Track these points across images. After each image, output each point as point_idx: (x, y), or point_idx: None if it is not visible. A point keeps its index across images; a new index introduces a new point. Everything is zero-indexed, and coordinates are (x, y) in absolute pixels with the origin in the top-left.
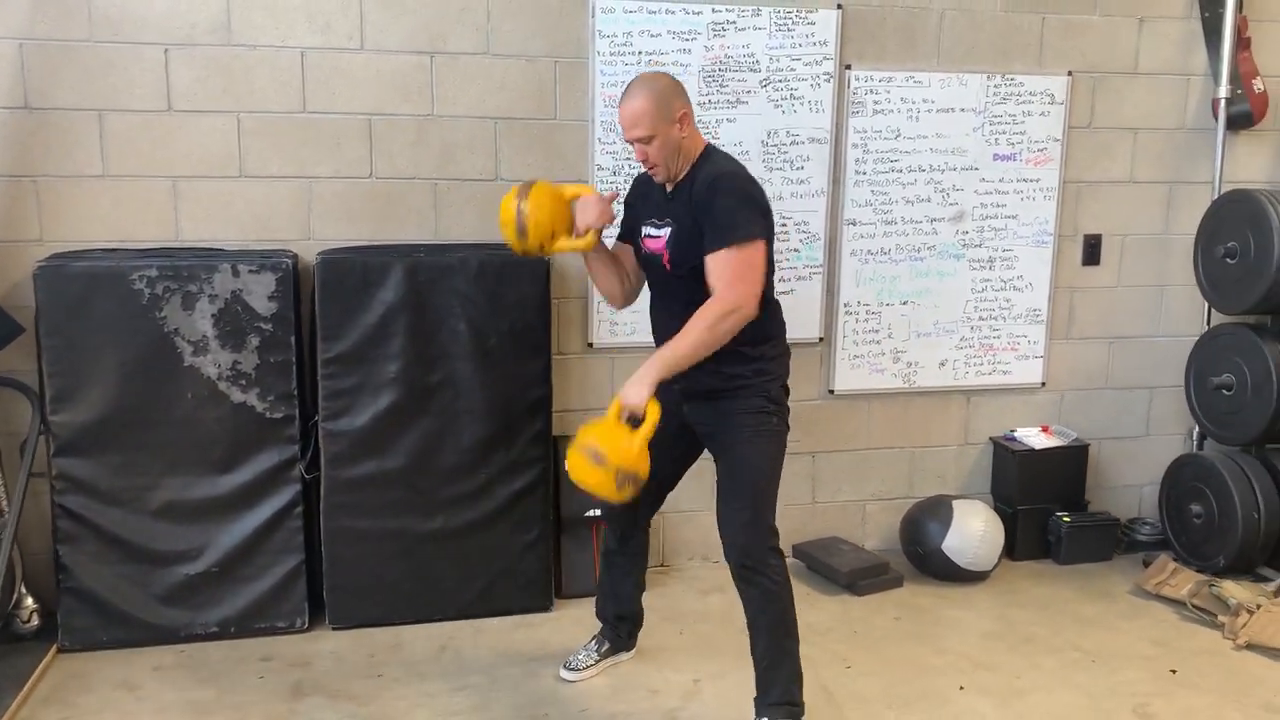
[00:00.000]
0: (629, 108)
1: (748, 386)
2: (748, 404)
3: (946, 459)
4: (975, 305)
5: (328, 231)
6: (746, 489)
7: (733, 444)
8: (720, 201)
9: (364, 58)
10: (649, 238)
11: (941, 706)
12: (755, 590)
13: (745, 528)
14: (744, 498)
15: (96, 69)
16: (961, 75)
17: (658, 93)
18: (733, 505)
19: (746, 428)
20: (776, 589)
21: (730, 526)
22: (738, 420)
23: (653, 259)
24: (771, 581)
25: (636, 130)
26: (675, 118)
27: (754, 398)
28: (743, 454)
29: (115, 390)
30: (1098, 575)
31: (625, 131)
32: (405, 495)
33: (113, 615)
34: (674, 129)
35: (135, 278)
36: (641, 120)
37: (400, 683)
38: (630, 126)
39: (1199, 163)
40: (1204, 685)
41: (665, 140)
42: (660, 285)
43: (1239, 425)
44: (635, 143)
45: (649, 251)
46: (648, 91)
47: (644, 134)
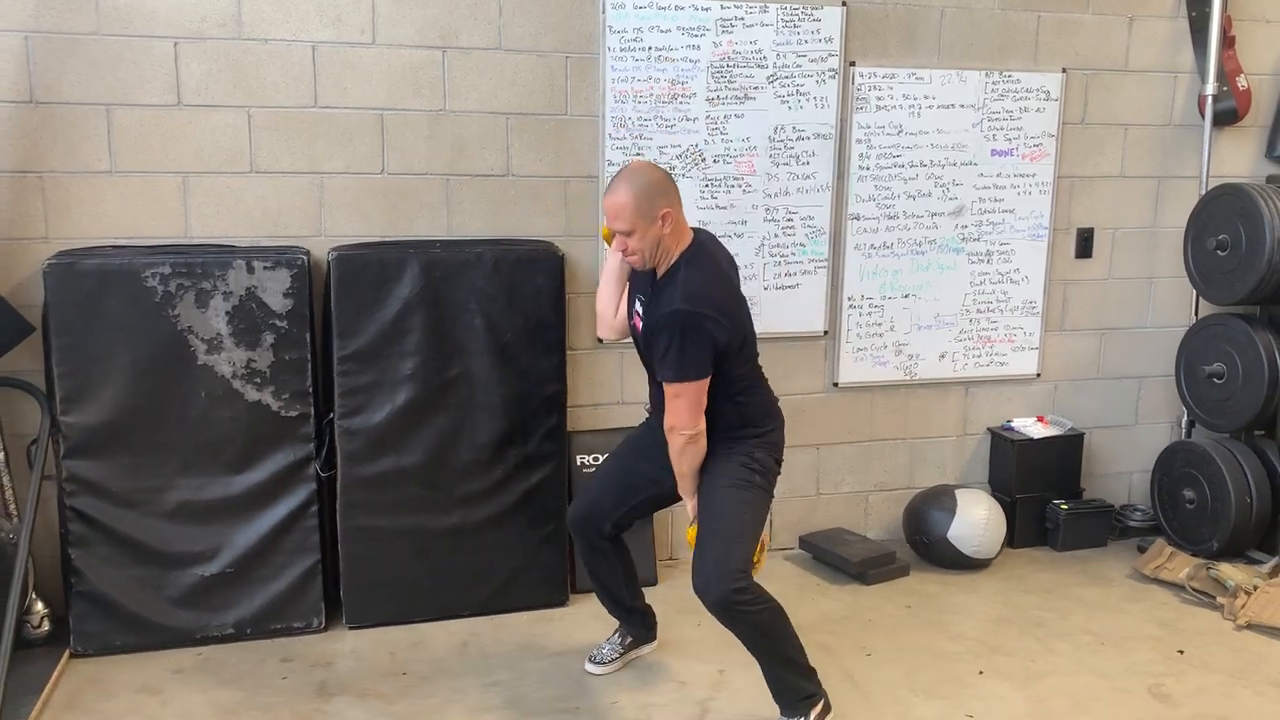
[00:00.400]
0: (612, 200)
1: (731, 449)
2: (731, 459)
3: (946, 449)
4: (974, 298)
5: (339, 227)
6: (722, 538)
7: (715, 495)
8: (662, 338)
9: (375, 52)
10: (637, 315)
11: (964, 690)
12: (741, 625)
13: (717, 577)
14: (716, 541)
15: (104, 63)
16: (961, 72)
17: (641, 189)
18: (709, 555)
19: (726, 475)
20: (760, 615)
21: (703, 567)
22: (719, 468)
23: (638, 334)
24: (754, 611)
25: (617, 223)
26: (657, 215)
27: (737, 455)
28: (719, 499)
29: (127, 390)
30: (1095, 561)
31: (607, 221)
32: (422, 492)
33: (126, 619)
34: (655, 226)
35: (148, 275)
36: (622, 215)
37: (427, 680)
38: (612, 218)
39: (1186, 158)
40: (1212, 665)
41: (644, 236)
42: (645, 364)
43: (1230, 413)
44: (615, 234)
45: (636, 327)
46: (631, 188)
47: (624, 228)
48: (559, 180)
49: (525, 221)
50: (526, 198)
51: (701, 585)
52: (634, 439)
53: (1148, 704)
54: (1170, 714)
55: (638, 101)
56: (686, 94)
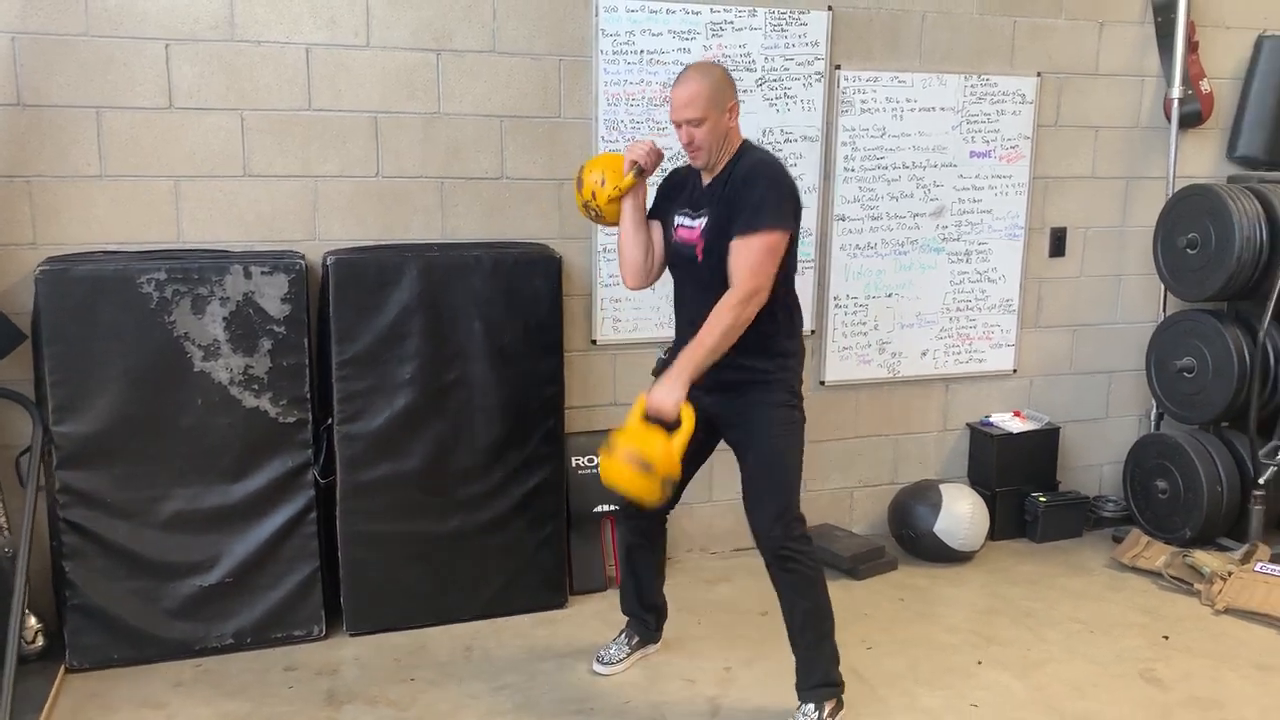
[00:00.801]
0: (685, 90)
1: (771, 380)
2: (773, 398)
3: (927, 445)
4: (954, 297)
5: (334, 231)
6: (778, 483)
7: (761, 439)
8: (756, 188)
9: (370, 54)
10: (682, 227)
11: (967, 680)
12: (792, 577)
13: (778, 520)
14: (776, 491)
15: (94, 65)
16: (941, 76)
17: (714, 80)
18: (764, 499)
19: (775, 423)
20: (812, 574)
21: (764, 519)
22: (765, 415)
23: (684, 249)
24: (806, 567)
25: (688, 111)
26: (726, 106)
27: (779, 391)
28: (772, 449)
29: (122, 398)
30: (1073, 551)
31: (675, 112)
32: (421, 497)
33: (123, 631)
34: (724, 118)
35: (143, 281)
36: (695, 102)
37: (436, 685)
38: (682, 107)
39: (1152, 159)
40: (1196, 649)
41: (714, 126)
42: (687, 277)
43: (1200, 405)
44: (683, 125)
45: (680, 241)
46: (704, 76)
47: (696, 116)
48: (553, 183)
49: (519, 224)
50: (520, 200)
51: (762, 537)
52: None
53: (1142, 688)
54: (1164, 697)
55: (630, 104)
56: None
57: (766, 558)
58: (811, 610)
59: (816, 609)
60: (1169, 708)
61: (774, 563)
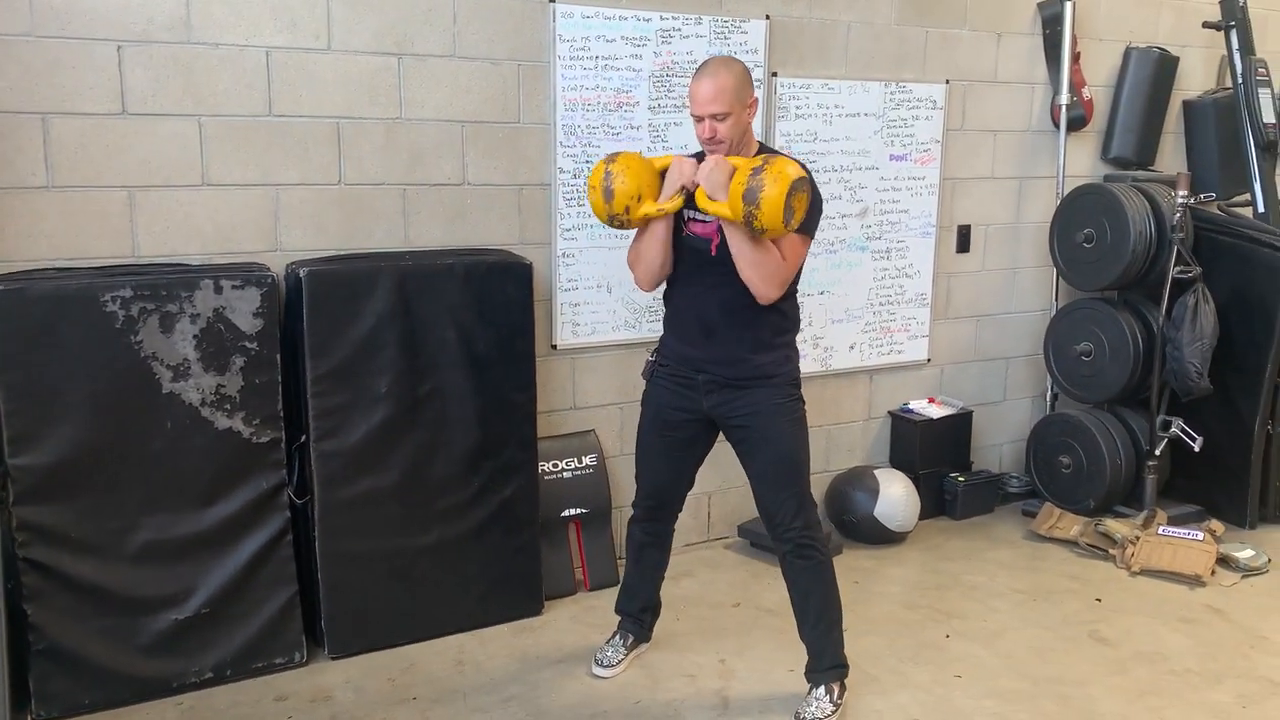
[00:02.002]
0: (710, 83)
1: (777, 375)
2: (779, 393)
3: (854, 433)
4: (876, 292)
5: (296, 241)
6: (794, 476)
7: (773, 435)
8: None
9: (331, 58)
10: (695, 222)
11: (943, 653)
12: (809, 564)
13: (799, 512)
14: (793, 484)
15: (40, 67)
16: (864, 83)
17: (737, 74)
18: (783, 493)
19: (783, 417)
20: (828, 561)
21: (785, 512)
22: (774, 409)
23: (698, 242)
24: (822, 554)
25: (714, 106)
26: (748, 102)
27: (783, 385)
28: (784, 444)
29: (85, 425)
30: (990, 526)
31: (699, 107)
32: (400, 511)
33: (94, 674)
34: (745, 113)
35: (107, 299)
36: (721, 96)
37: (440, 703)
38: (708, 101)
39: (1041, 159)
40: (1128, 608)
41: (736, 121)
42: (695, 272)
43: (1098, 386)
44: (707, 119)
45: (694, 235)
46: (728, 71)
47: (721, 110)
48: (513, 188)
49: (481, 230)
50: (482, 206)
51: (789, 525)
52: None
53: (1095, 648)
54: (1115, 654)
55: (586, 110)
56: (630, 102)
57: (786, 548)
58: (826, 596)
59: (830, 596)
60: (1122, 663)
61: (794, 552)
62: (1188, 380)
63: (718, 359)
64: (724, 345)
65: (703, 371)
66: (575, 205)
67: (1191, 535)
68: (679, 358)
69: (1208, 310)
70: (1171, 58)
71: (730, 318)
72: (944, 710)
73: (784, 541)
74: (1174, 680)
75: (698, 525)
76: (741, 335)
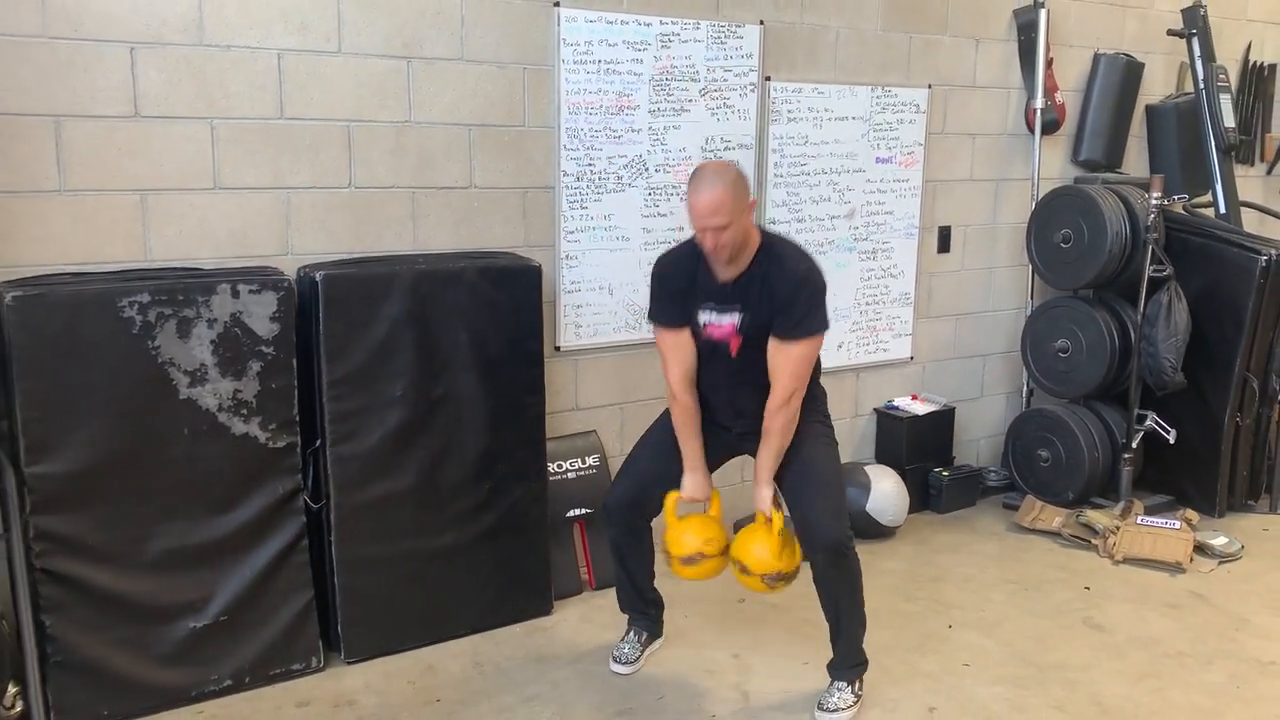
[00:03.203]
0: (709, 197)
1: (808, 410)
2: (811, 419)
3: (841, 430)
4: (863, 292)
5: (307, 245)
6: (830, 487)
7: (807, 454)
8: (802, 296)
9: (341, 61)
10: (711, 325)
11: (947, 643)
12: (841, 572)
13: (835, 521)
14: (829, 496)
15: (53, 69)
16: (852, 87)
17: (733, 182)
18: (820, 503)
19: (817, 437)
20: (859, 567)
21: (823, 522)
22: (808, 431)
23: (716, 345)
24: (854, 560)
25: (715, 219)
26: (746, 205)
27: (814, 413)
28: (819, 458)
29: (103, 433)
30: (974, 519)
31: (701, 220)
32: (415, 514)
33: (112, 684)
34: (745, 217)
35: (124, 304)
36: (722, 209)
37: (465, 705)
38: (709, 215)
39: (1015, 162)
40: (1116, 595)
41: (738, 228)
42: (719, 366)
43: (1075, 382)
44: (709, 231)
45: (712, 338)
46: (724, 181)
47: (722, 222)
48: (518, 191)
49: (487, 232)
50: (488, 209)
51: (820, 531)
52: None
53: (1092, 634)
54: (1111, 640)
55: (589, 113)
56: (631, 106)
57: (822, 555)
58: (854, 599)
59: (858, 599)
60: (1120, 648)
61: (830, 559)
62: (1163, 375)
63: (754, 430)
64: (755, 420)
65: (735, 425)
66: (578, 208)
67: (1169, 524)
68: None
69: (1181, 307)
70: (1138, 64)
71: (761, 400)
72: (959, 698)
73: (820, 547)
74: (1170, 663)
75: None
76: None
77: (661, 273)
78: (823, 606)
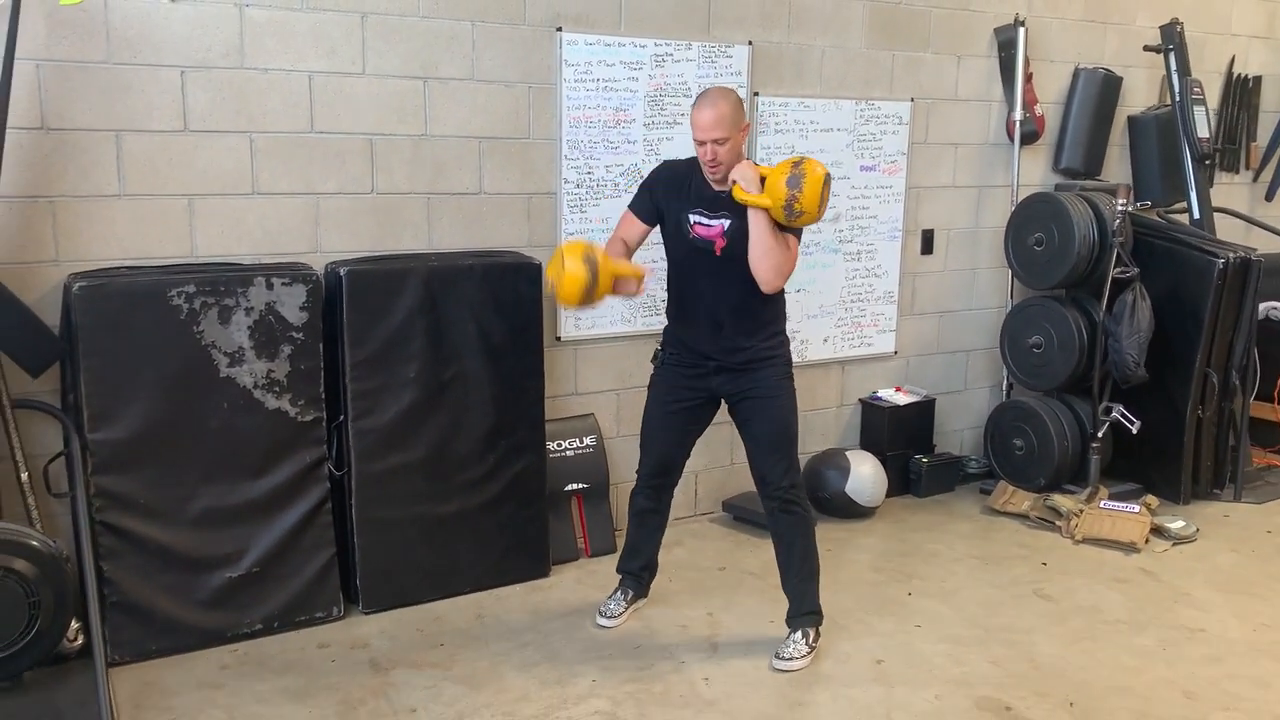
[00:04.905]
0: (712, 112)
1: (775, 356)
2: (777, 370)
3: (828, 419)
4: (848, 290)
5: (333, 244)
6: (785, 440)
7: (770, 405)
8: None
9: (365, 81)
10: (700, 225)
11: (904, 609)
12: (793, 518)
13: (787, 471)
14: (784, 448)
15: (115, 90)
16: (837, 101)
17: (733, 103)
18: (774, 455)
19: (780, 391)
20: (809, 517)
21: (775, 471)
22: (772, 385)
23: (701, 243)
24: (805, 509)
25: (715, 132)
26: (742, 126)
27: (780, 364)
28: (779, 413)
29: (154, 404)
30: (951, 502)
31: (702, 132)
32: (426, 483)
33: (160, 624)
34: (740, 135)
35: (174, 294)
36: (721, 123)
37: (466, 648)
38: (710, 128)
39: (997, 170)
40: (1070, 570)
41: (733, 144)
42: (699, 269)
43: (1047, 375)
44: (709, 143)
45: (698, 238)
46: (725, 101)
47: (722, 135)
48: (523, 196)
49: (494, 234)
50: (495, 213)
51: (778, 483)
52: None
53: (1039, 603)
54: (1056, 608)
55: (588, 126)
56: (628, 120)
57: (774, 505)
58: (806, 548)
59: (809, 548)
60: (1063, 615)
61: (781, 508)
62: (1126, 370)
63: (725, 349)
64: (730, 337)
65: (711, 359)
66: (578, 212)
67: (1129, 509)
68: (688, 349)
69: (1144, 307)
70: (1116, 77)
71: (735, 314)
72: (905, 653)
73: (773, 499)
74: (1106, 629)
75: (686, 501)
76: (745, 327)
77: (658, 171)
78: (776, 554)
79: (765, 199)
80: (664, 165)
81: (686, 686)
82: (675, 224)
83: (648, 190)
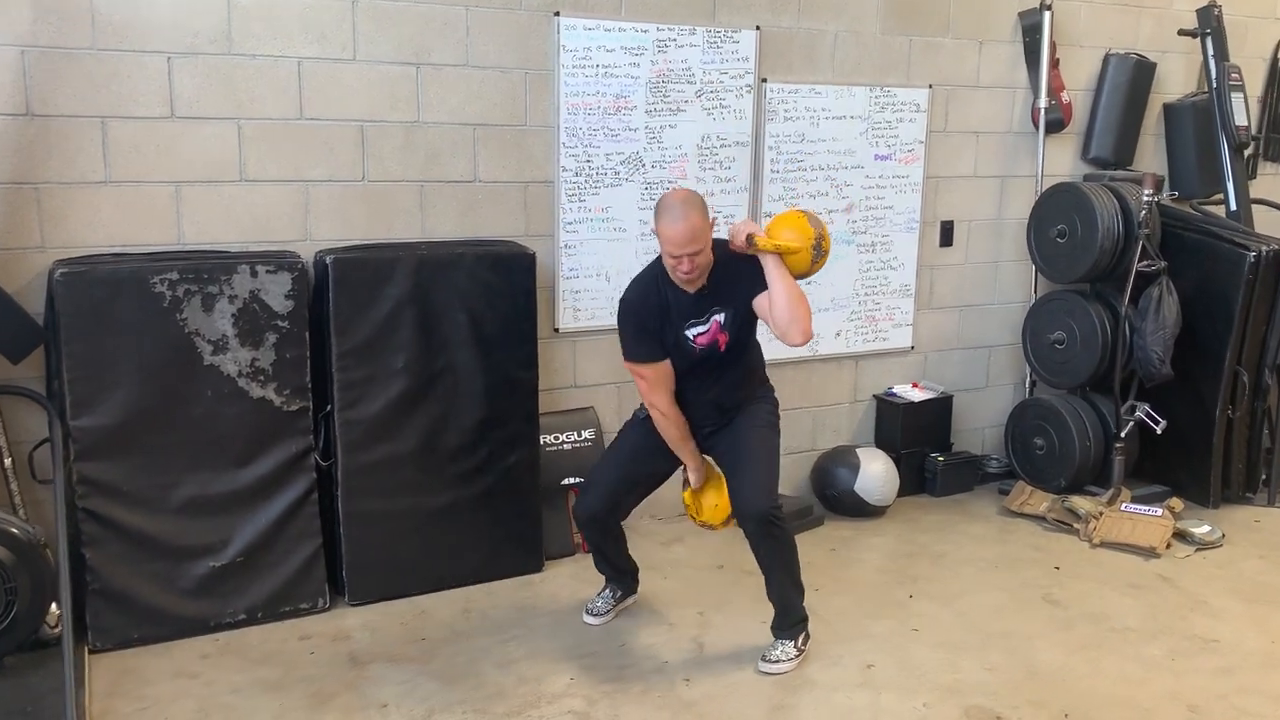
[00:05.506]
0: (684, 226)
1: (763, 398)
2: (762, 407)
3: (840, 415)
4: (862, 283)
5: (323, 232)
6: (764, 465)
7: (749, 432)
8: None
9: (356, 67)
10: (700, 336)
11: (903, 611)
12: (773, 541)
13: (766, 495)
14: (767, 472)
15: (100, 77)
16: (850, 88)
17: (700, 209)
18: (756, 479)
19: (761, 420)
20: (789, 536)
21: (755, 495)
22: (754, 415)
23: (707, 350)
24: (784, 531)
25: (691, 246)
26: (710, 226)
27: (766, 403)
28: (758, 439)
29: (137, 392)
30: (968, 502)
31: (679, 248)
32: (415, 475)
33: (142, 612)
34: (710, 235)
35: (156, 281)
36: (696, 236)
37: (447, 643)
38: (687, 243)
39: (1022, 159)
40: (1083, 575)
41: (707, 250)
42: (707, 368)
43: (1070, 373)
44: (685, 258)
45: (700, 347)
46: (695, 210)
47: (698, 248)
48: (519, 185)
49: (490, 222)
50: (491, 201)
51: (748, 503)
52: (638, 442)
53: (1046, 608)
54: (1064, 614)
55: (587, 113)
56: (628, 106)
57: (753, 526)
58: (787, 565)
59: (792, 563)
60: (1069, 621)
61: (761, 529)
62: (1150, 367)
63: (722, 410)
64: (731, 410)
65: (705, 427)
66: (576, 200)
67: (1151, 512)
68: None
69: (1171, 302)
70: (1149, 63)
71: (733, 387)
72: (898, 657)
73: (752, 519)
74: (1114, 636)
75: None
76: (739, 385)
77: (633, 314)
78: (762, 570)
79: (795, 242)
80: (632, 300)
81: (666, 687)
82: (675, 346)
83: (642, 331)
